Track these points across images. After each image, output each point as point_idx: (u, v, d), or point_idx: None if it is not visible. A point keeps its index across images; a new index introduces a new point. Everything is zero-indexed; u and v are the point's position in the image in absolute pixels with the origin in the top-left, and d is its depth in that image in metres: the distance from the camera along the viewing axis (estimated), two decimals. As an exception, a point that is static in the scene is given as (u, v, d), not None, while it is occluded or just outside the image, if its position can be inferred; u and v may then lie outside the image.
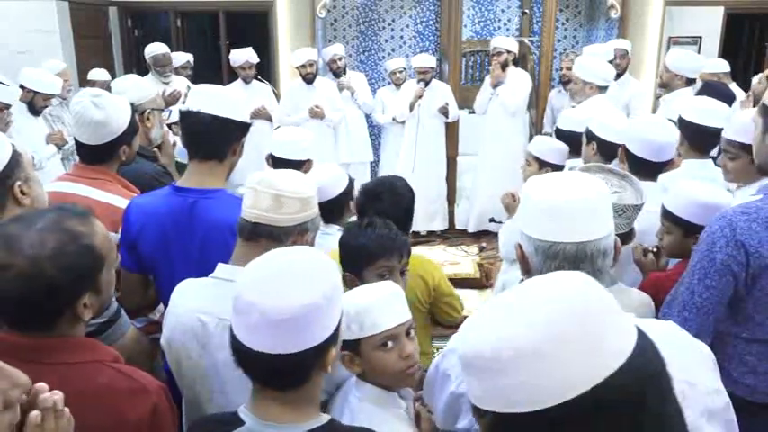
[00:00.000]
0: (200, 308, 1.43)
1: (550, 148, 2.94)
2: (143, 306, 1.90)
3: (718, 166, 2.45)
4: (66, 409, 0.91)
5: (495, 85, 5.07)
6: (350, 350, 1.34)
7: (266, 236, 1.39)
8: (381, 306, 1.35)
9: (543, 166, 2.89)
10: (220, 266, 1.45)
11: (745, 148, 2.01)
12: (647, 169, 2.18)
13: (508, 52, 5.01)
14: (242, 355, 1.07)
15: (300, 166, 2.40)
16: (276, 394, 1.09)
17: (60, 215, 1.17)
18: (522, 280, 2.21)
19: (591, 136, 2.54)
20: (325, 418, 1.14)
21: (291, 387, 1.09)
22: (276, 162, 2.47)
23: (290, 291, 1.03)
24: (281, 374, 1.07)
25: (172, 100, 4.45)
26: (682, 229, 1.91)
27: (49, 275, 1.09)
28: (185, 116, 1.74)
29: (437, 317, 2.16)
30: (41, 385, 0.89)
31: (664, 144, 2.21)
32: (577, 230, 1.11)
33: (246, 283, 1.07)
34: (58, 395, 0.89)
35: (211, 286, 1.44)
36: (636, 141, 2.22)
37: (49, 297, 1.11)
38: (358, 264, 1.70)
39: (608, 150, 2.46)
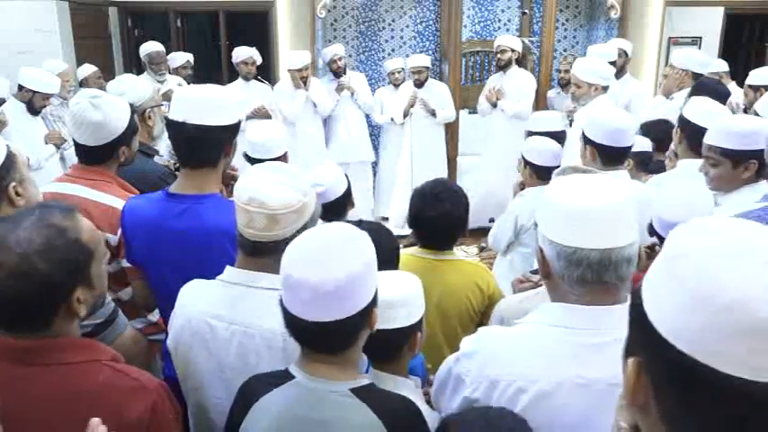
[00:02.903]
0: (208, 311, 1.40)
1: (532, 148, 2.93)
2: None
3: None
4: None
5: (494, 104, 5.12)
6: (418, 330, 1.45)
7: (268, 252, 1.36)
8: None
9: (532, 166, 2.87)
10: (228, 270, 1.42)
11: (727, 154, 1.97)
12: (612, 157, 2.27)
13: (512, 50, 5.01)
14: (296, 326, 1.15)
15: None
16: (324, 357, 1.18)
17: (44, 212, 1.17)
18: (522, 281, 2.22)
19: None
20: (366, 380, 1.22)
21: (341, 349, 1.18)
22: (252, 162, 2.42)
23: (334, 264, 1.11)
24: (334, 339, 1.16)
25: (166, 99, 4.45)
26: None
27: (40, 271, 1.10)
28: (170, 125, 1.67)
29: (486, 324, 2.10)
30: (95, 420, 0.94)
31: (620, 128, 2.27)
32: (603, 237, 1.07)
33: (292, 262, 1.14)
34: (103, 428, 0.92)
35: (220, 288, 1.41)
36: (593, 128, 2.30)
37: (43, 293, 1.11)
38: None
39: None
